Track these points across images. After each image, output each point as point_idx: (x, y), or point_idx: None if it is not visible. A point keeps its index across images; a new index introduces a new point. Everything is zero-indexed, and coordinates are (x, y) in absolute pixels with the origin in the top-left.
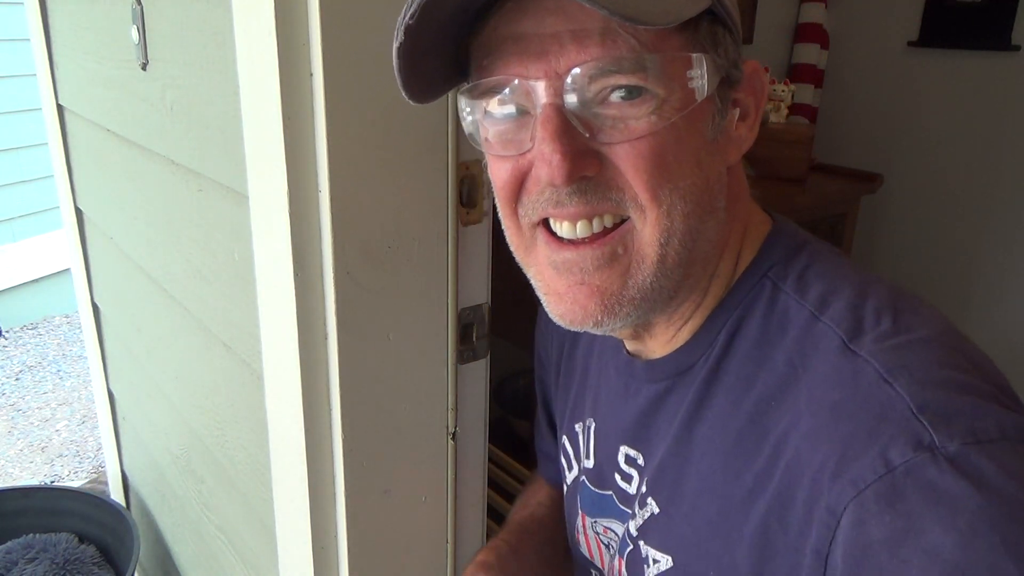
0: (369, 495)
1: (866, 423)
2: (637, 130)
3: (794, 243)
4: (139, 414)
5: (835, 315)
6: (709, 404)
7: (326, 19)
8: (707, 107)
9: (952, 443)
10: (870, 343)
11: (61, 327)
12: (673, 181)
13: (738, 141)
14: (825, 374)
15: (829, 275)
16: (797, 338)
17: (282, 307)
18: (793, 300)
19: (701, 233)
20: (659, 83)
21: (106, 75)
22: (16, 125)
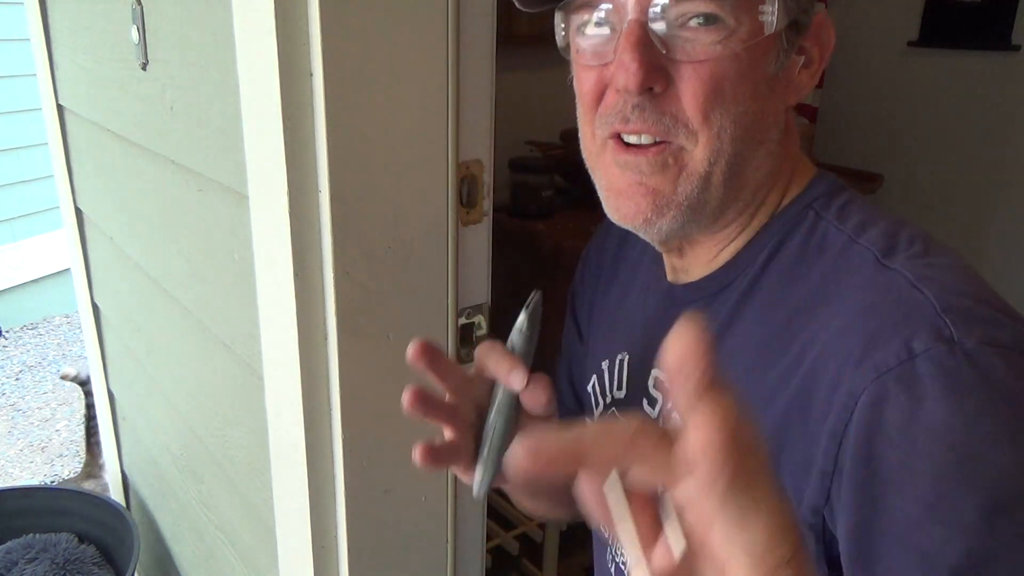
0: (369, 495)
1: (893, 318)
2: (703, 53)
3: (837, 185)
4: (139, 414)
5: (871, 238)
6: (741, 317)
7: (326, 19)
8: (772, 44)
9: (970, 340)
10: (903, 259)
11: (61, 327)
12: (726, 106)
13: (798, 86)
14: (857, 284)
15: (868, 210)
16: (834, 258)
17: (282, 307)
18: (833, 226)
19: (750, 160)
20: (732, 14)
21: (106, 75)
22: (16, 125)
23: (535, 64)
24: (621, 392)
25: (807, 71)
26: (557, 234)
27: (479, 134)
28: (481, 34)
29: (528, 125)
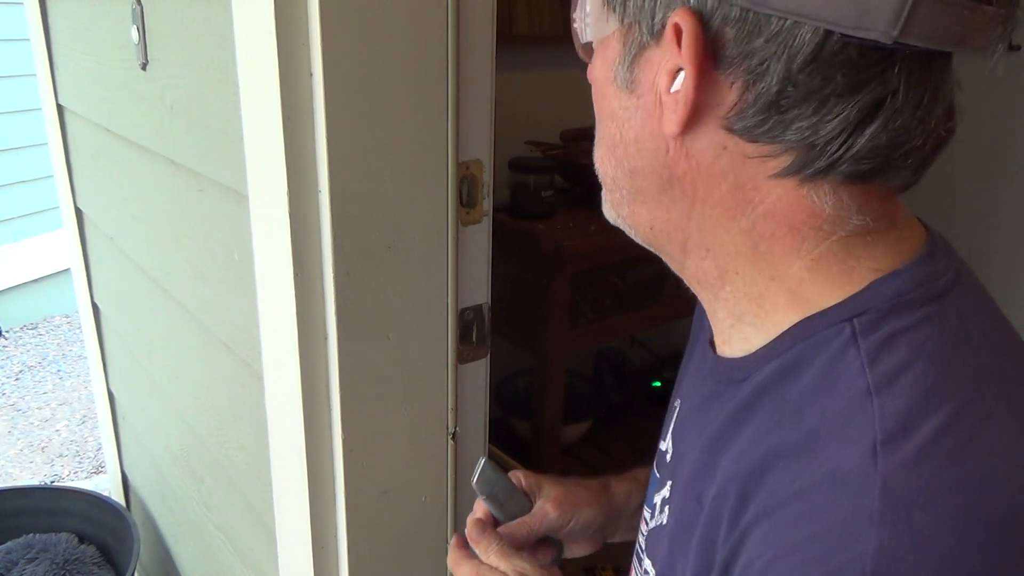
0: (369, 495)
1: (820, 542)
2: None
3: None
4: (139, 414)
5: (889, 403)
6: (739, 434)
7: (326, 19)
8: (611, 50)
9: None
10: (901, 461)
11: (61, 327)
12: (599, 120)
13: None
14: (831, 470)
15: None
16: (837, 411)
17: (282, 307)
18: (859, 362)
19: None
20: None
21: (106, 75)
22: (16, 125)
23: (535, 64)
24: (664, 443)
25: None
26: (557, 234)
27: (479, 134)
28: (481, 34)
29: (528, 125)
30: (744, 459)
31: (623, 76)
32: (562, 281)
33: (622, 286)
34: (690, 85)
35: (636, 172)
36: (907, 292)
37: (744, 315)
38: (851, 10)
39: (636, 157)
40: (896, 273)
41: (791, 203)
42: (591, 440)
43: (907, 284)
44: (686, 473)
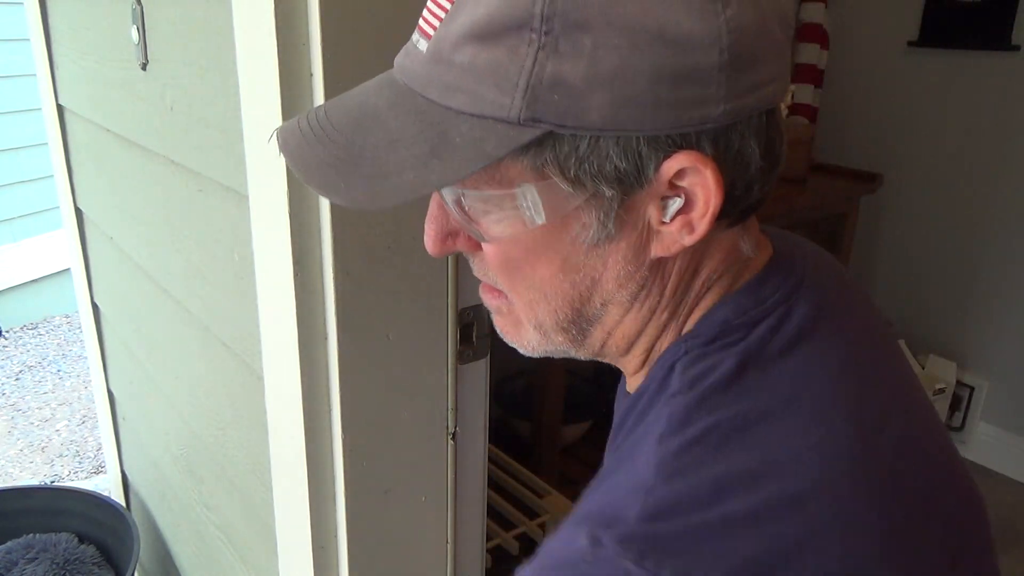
0: (369, 495)
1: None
2: (485, 232)
3: (748, 315)
4: (139, 414)
5: (678, 402)
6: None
7: (326, 19)
8: (573, 220)
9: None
10: (668, 447)
11: (61, 327)
12: (529, 280)
13: (668, 236)
14: (634, 453)
15: (731, 359)
16: (656, 413)
17: (282, 307)
18: (677, 372)
19: (592, 319)
20: (474, 224)
21: (106, 75)
22: (16, 125)
23: None
24: None
25: (685, 216)
26: None
27: None
28: None
29: None
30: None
31: (599, 233)
32: None
33: None
34: (715, 211)
35: (610, 301)
36: (732, 319)
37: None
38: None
39: (615, 291)
40: (724, 302)
41: (725, 257)
42: (591, 440)
43: (732, 312)
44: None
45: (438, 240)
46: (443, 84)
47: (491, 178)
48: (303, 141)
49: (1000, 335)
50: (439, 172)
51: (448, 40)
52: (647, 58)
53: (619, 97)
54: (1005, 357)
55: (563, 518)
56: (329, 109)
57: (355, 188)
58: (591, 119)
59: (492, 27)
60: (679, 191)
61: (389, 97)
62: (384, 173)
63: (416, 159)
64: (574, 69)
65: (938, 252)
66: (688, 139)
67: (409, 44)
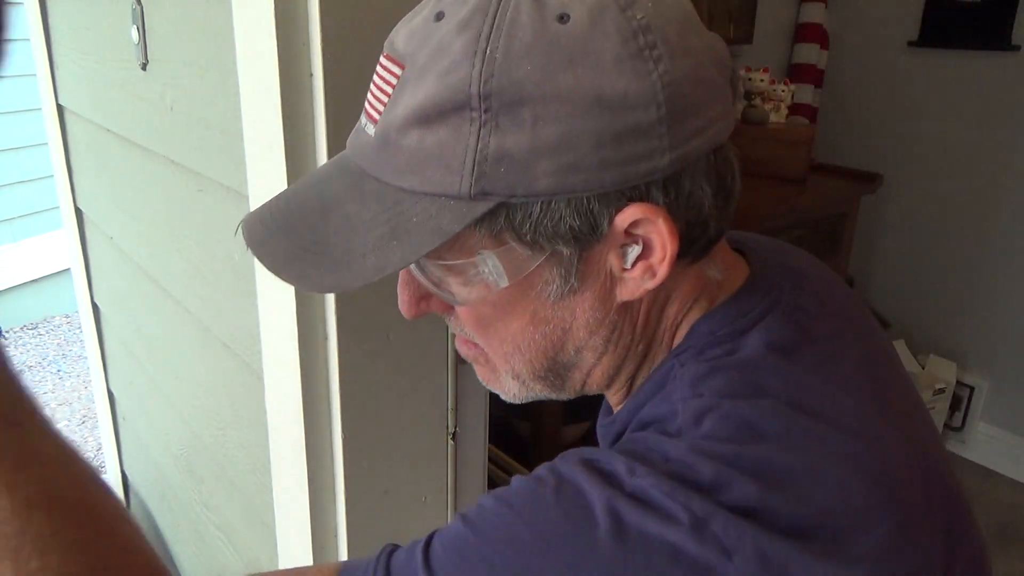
0: (369, 495)
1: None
2: (456, 296)
3: (733, 327)
4: (139, 414)
5: (689, 407)
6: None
7: (326, 19)
8: (536, 277)
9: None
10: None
11: (61, 327)
12: (502, 335)
13: (632, 281)
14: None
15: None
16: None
17: (282, 307)
18: (677, 380)
19: (569, 364)
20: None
21: (106, 75)
22: (16, 125)
23: None
24: None
25: (646, 261)
26: None
27: None
28: None
29: None
30: None
31: (562, 287)
32: None
33: None
34: (672, 255)
35: (584, 347)
36: (717, 331)
37: (628, 395)
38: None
39: (587, 338)
40: (708, 316)
41: (694, 285)
42: (591, 440)
43: (717, 324)
44: None
45: (412, 304)
46: (394, 167)
47: (451, 249)
48: (267, 232)
49: (1000, 335)
50: (400, 252)
51: (393, 125)
52: (587, 123)
53: (564, 163)
54: (1005, 357)
55: None
56: (289, 198)
57: (323, 276)
58: (539, 187)
59: (433, 110)
60: (635, 238)
61: (346, 182)
62: (347, 260)
63: (377, 241)
64: (517, 142)
65: (938, 252)
66: (638, 191)
67: (358, 126)
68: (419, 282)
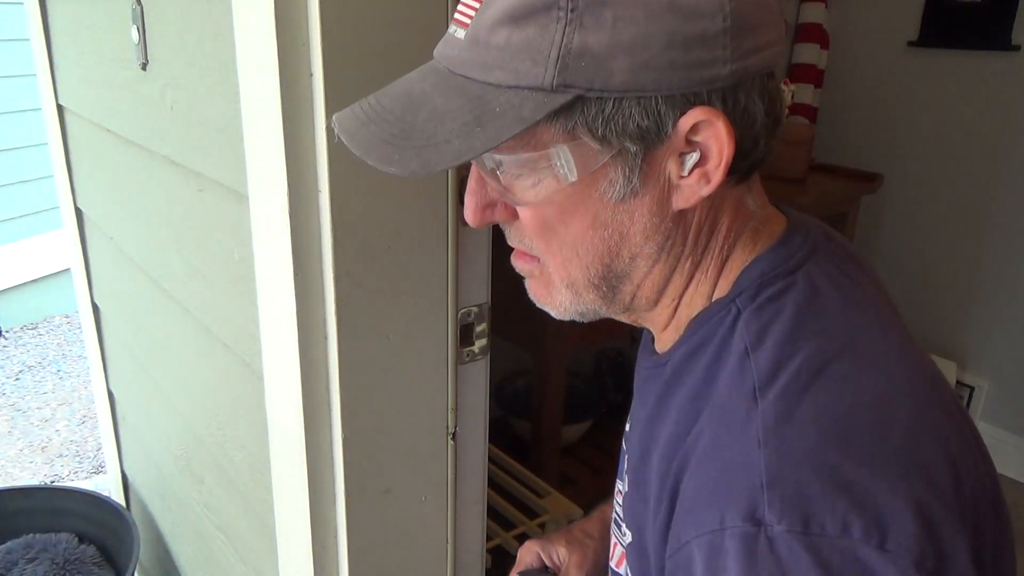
0: (369, 495)
1: (724, 479)
2: (521, 197)
3: (783, 267)
4: (139, 414)
5: (761, 357)
6: (667, 407)
7: (326, 19)
8: (605, 173)
9: (779, 525)
10: (774, 397)
11: (61, 327)
12: (562, 239)
13: (688, 188)
14: (728, 416)
15: (787, 309)
16: (730, 372)
17: (282, 307)
18: (741, 329)
19: (622, 275)
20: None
21: (106, 75)
22: (16, 125)
23: None
24: (628, 425)
25: (700, 170)
26: None
27: None
28: None
29: None
30: (672, 427)
31: (624, 188)
32: None
33: None
34: (728, 162)
35: (638, 255)
36: (768, 271)
37: (674, 323)
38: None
39: (640, 242)
40: (759, 258)
41: (738, 212)
42: (591, 440)
43: (768, 265)
44: (637, 446)
45: (478, 211)
46: (482, 63)
47: (527, 144)
48: (358, 123)
49: (1000, 335)
50: (482, 139)
51: (484, 26)
52: (661, 26)
53: (638, 62)
54: (1005, 357)
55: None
56: (379, 96)
57: (408, 159)
58: (614, 82)
59: (524, 10)
60: (695, 147)
61: (433, 81)
62: (433, 143)
63: (461, 128)
64: (598, 39)
65: (938, 252)
66: (700, 97)
67: (447, 34)
68: (486, 189)
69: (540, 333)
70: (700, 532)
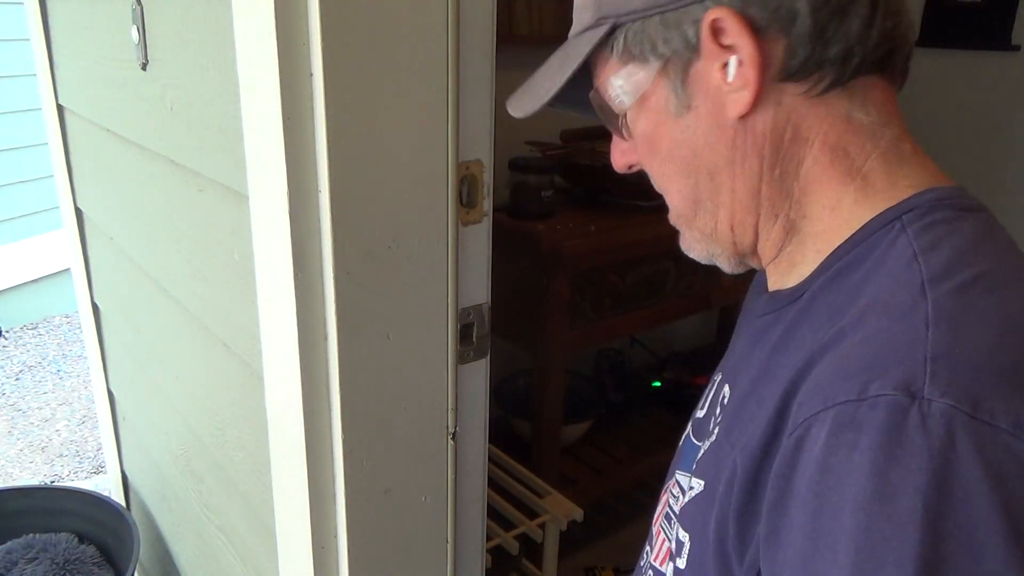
0: (369, 495)
1: (879, 352)
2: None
3: (959, 201)
4: (139, 414)
5: (935, 258)
6: (796, 333)
7: (326, 19)
8: (654, 96)
9: (942, 399)
10: (947, 289)
11: (61, 327)
12: (660, 167)
13: (736, 94)
14: (888, 306)
15: (964, 230)
16: (889, 273)
17: (282, 307)
18: (906, 239)
19: (710, 196)
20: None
21: (106, 75)
22: (16, 125)
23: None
24: (701, 412)
25: (742, 71)
26: (557, 234)
27: (479, 134)
28: (481, 34)
29: (528, 125)
30: (800, 350)
31: (678, 104)
32: (562, 281)
33: (622, 286)
34: (754, 58)
35: (715, 171)
36: (945, 199)
37: (806, 253)
38: None
39: (711, 156)
40: (933, 188)
41: (837, 125)
42: (591, 440)
43: (944, 194)
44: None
45: (618, 157)
46: (574, 23)
47: (597, 79)
48: (518, 93)
49: None
50: (555, 79)
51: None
52: None
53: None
54: None
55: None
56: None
57: (523, 104)
58: (636, 4)
59: None
60: (730, 52)
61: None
62: (534, 91)
63: (551, 74)
64: None
65: None
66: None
67: None
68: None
69: (540, 333)
70: (828, 404)
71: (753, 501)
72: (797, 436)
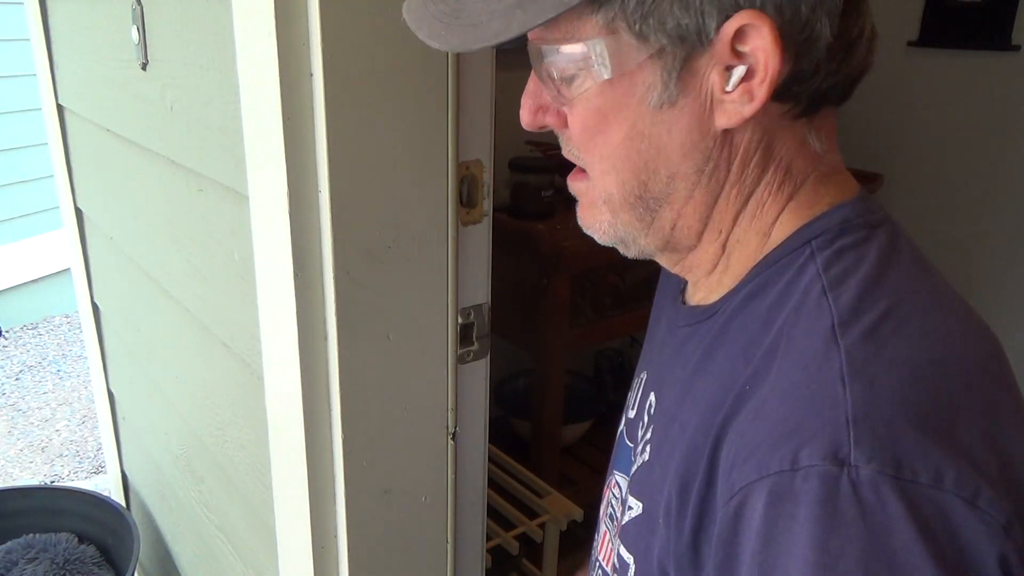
0: (369, 495)
1: (802, 414)
2: (567, 97)
3: (867, 219)
4: (139, 414)
5: (843, 295)
6: (715, 356)
7: (326, 19)
8: (640, 79)
9: (868, 466)
10: (857, 334)
11: (61, 327)
12: (602, 149)
13: (731, 105)
14: (800, 353)
15: (870, 256)
16: (797, 309)
17: (282, 307)
18: (815, 269)
19: (658, 196)
20: (553, 86)
21: (106, 75)
22: (16, 125)
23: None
24: (632, 411)
25: (747, 84)
26: (557, 234)
27: (479, 134)
28: None
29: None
30: (720, 378)
31: (662, 95)
32: (562, 281)
33: (622, 286)
34: (773, 78)
35: (677, 175)
36: (852, 219)
37: (723, 265)
38: None
39: (678, 160)
40: (843, 205)
41: (792, 149)
42: (591, 440)
43: (851, 213)
44: (669, 409)
45: (531, 113)
46: None
47: (567, 35)
48: (420, 4)
49: (1000, 335)
50: (521, 19)
51: None
52: None
53: None
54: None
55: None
56: None
57: (452, 35)
58: None
59: None
60: (742, 59)
61: None
62: (475, 23)
63: (504, 10)
64: None
65: (938, 252)
66: (751, 1)
67: None
68: (541, 92)
69: (540, 333)
70: (763, 474)
71: (696, 554)
72: (736, 504)
